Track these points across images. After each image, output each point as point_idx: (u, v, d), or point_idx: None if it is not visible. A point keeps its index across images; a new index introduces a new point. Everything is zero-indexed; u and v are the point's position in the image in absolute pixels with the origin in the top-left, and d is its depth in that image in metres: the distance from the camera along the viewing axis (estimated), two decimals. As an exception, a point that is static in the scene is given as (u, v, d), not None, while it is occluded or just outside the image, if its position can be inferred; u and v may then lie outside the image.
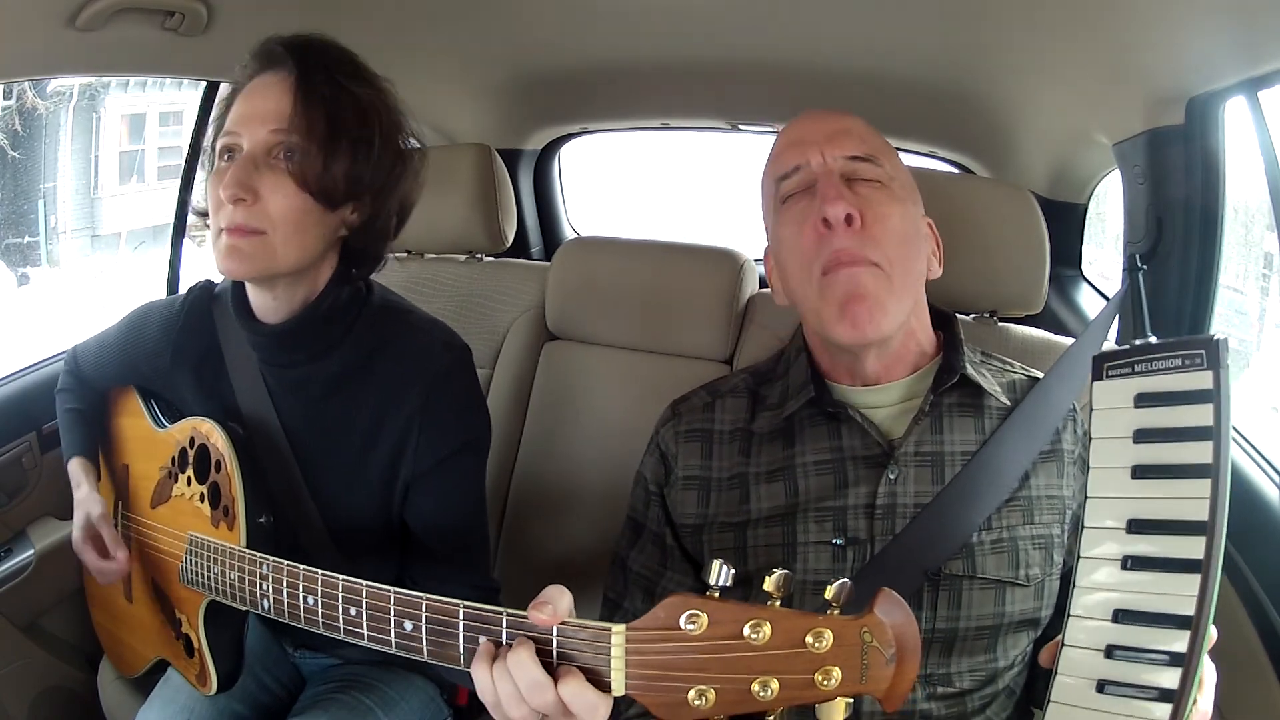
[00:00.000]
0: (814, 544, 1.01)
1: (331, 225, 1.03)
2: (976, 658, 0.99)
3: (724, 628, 0.61)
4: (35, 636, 1.53)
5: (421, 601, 0.74)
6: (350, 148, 0.99)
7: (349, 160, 0.99)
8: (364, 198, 1.04)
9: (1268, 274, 1.83)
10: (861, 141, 1.03)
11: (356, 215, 1.05)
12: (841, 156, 1.01)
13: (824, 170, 1.01)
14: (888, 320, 0.97)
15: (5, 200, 2.72)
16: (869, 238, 0.97)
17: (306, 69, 1.00)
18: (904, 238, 1.00)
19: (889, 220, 0.99)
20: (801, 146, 1.04)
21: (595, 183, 3.07)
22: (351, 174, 1.00)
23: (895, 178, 1.03)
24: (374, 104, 1.04)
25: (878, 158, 1.02)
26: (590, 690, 0.67)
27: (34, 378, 1.59)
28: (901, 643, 0.61)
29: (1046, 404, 1.05)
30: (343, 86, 1.01)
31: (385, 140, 1.04)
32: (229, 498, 1.01)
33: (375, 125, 1.03)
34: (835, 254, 0.97)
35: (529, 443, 1.66)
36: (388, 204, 1.07)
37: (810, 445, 1.04)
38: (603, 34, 1.81)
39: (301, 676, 1.33)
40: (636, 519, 1.15)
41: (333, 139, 0.98)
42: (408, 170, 1.08)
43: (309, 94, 0.98)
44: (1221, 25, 1.11)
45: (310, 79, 0.99)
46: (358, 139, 1.00)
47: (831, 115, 1.07)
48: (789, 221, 1.03)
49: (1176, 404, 0.77)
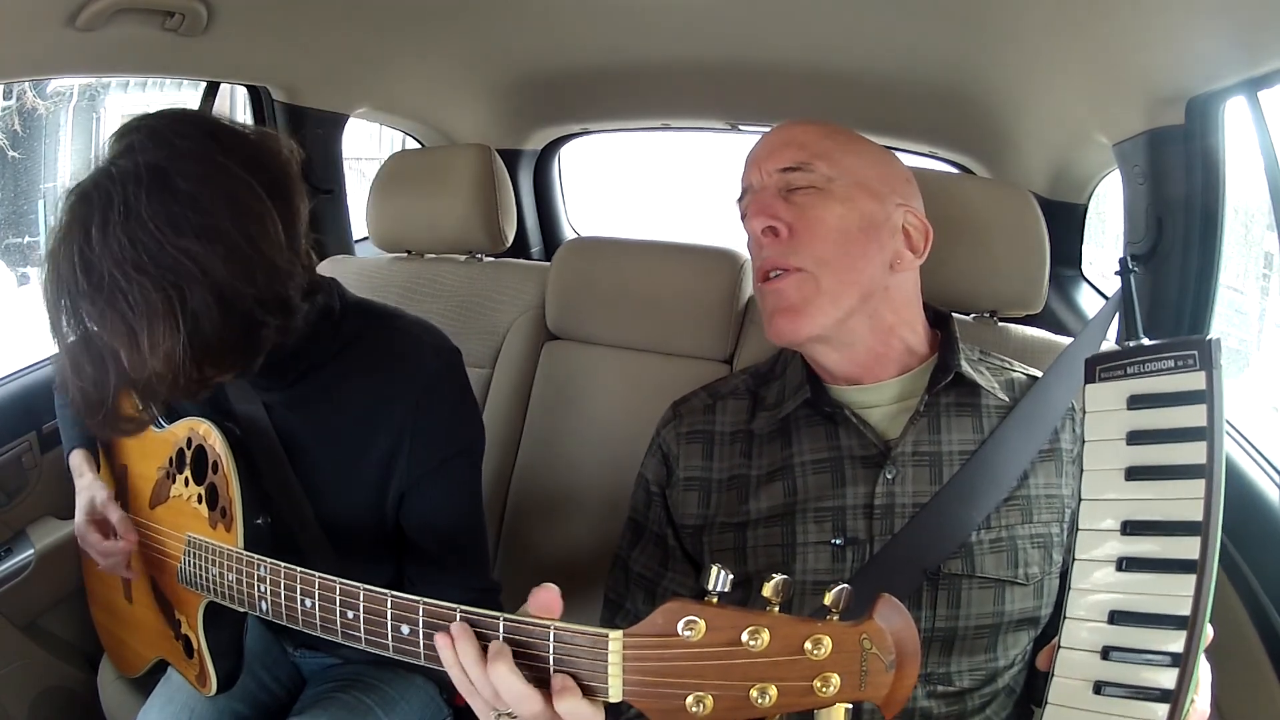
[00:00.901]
0: (813, 544, 1.01)
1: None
2: (976, 657, 0.99)
3: (722, 634, 0.61)
4: (35, 636, 1.53)
5: (418, 606, 0.74)
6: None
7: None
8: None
9: (1268, 274, 1.83)
10: (800, 149, 1.05)
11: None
12: (775, 170, 1.05)
13: (760, 187, 1.06)
14: (809, 323, 1.01)
15: (5, 200, 2.72)
16: (795, 245, 1.01)
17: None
18: (841, 236, 1.01)
19: (821, 224, 1.01)
20: (748, 167, 1.09)
21: (595, 183, 3.07)
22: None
23: (837, 178, 1.04)
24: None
25: (813, 163, 1.04)
26: (586, 705, 0.67)
27: (34, 378, 1.59)
28: (901, 649, 0.60)
29: (1045, 403, 1.05)
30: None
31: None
32: (226, 499, 1.01)
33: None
34: (761, 265, 1.04)
35: (529, 443, 1.66)
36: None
37: (808, 445, 1.04)
38: (603, 34, 1.81)
39: (302, 676, 1.33)
40: (638, 519, 1.15)
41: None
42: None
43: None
44: (1221, 25, 1.11)
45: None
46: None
47: (782, 129, 1.10)
48: (749, 238, 1.08)
49: (1169, 405, 0.77)
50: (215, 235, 0.85)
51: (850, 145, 1.08)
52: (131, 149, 0.86)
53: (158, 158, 0.85)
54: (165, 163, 0.85)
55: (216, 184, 0.86)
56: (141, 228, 0.82)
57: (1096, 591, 0.78)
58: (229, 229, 0.86)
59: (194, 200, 0.84)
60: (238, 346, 0.90)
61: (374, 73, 1.96)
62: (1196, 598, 0.73)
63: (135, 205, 0.82)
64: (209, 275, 0.84)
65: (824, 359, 1.06)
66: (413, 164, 1.84)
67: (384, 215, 1.79)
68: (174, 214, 0.83)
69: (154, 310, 0.83)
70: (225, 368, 0.92)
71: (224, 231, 0.85)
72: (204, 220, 0.84)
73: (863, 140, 1.10)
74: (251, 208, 0.88)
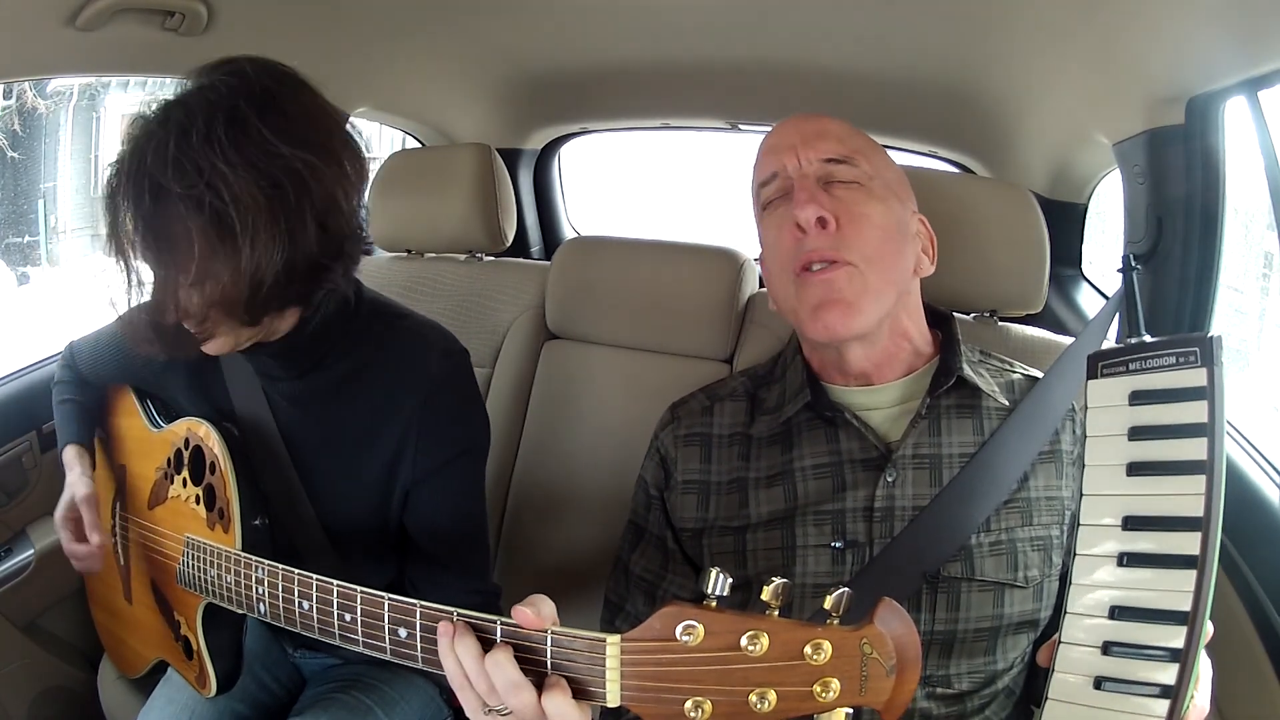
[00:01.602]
0: (813, 547, 1.01)
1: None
2: (976, 659, 0.99)
3: (721, 638, 0.61)
4: (35, 636, 1.53)
5: (416, 609, 0.74)
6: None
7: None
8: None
9: (1268, 274, 1.83)
10: (839, 142, 1.04)
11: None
12: (817, 159, 1.03)
13: (799, 174, 1.03)
14: (861, 319, 0.99)
15: (5, 200, 2.72)
16: (844, 238, 0.99)
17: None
18: (884, 235, 1.01)
19: (867, 220, 1.00)
20: (778, 152, 1.05)
21: (595, 183, 3.06)
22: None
23: (876, 177, 1.03)
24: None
25: (855, 158, 1.03)
26: (574, 708, 0.67)
27: (34, 377, 1.59)
28: (902, 654, 0.60)
29: (1045, 404, 1.05)
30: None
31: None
32: (224, 500, 1.01)
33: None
34: (808, 255, 0.99)
35: (528, 442, 1.66)
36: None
37: (808, 449, 1.04)
38: (603, 34, 1.80)
39: (302, 676, 1.33)
40: (638, 522, 1.15)
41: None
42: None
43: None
44: (1221, 25, 1.11)
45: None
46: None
47: (810, 118, 1.07)
48: (770, 227, 1.05)
49: (1171, 401, 0.77)
50: (322, 153, 0.88)
51: (876, 148, 1.08)
52: (243, 72, 0.88)
53: (269, 83, 0.88)
54: (275, 87, 0.88)
55: (319, 116, 0.91)
56: (249, 131, 0.84)
57: (1098, 587, 0.79)
58: (332, 152, 0.90)
59: (301, 120, 0.88)
60: (315, 273, 0.92)
61: (374, 73, 1.95)
62: (1197, 593, 0.73)
63: (243, 113, 0.84)
64: (314, 185, 0.87)
65: (849, 355, 1.04)
66: (413, 164, 1.84)
67: (384, 215, 1.79)
68: (284, 126, 0.86)
69: (259, 209, 0.83)
70: (295, 295, 0.93)
71: (328, 151, 0.89)
72: (312, 137, 0.88)
73: (878, 144, 1.10)
74: (347, 144, 0.93)
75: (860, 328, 0.99)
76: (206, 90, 0.86)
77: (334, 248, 0.92)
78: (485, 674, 0.69)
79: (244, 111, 0.84)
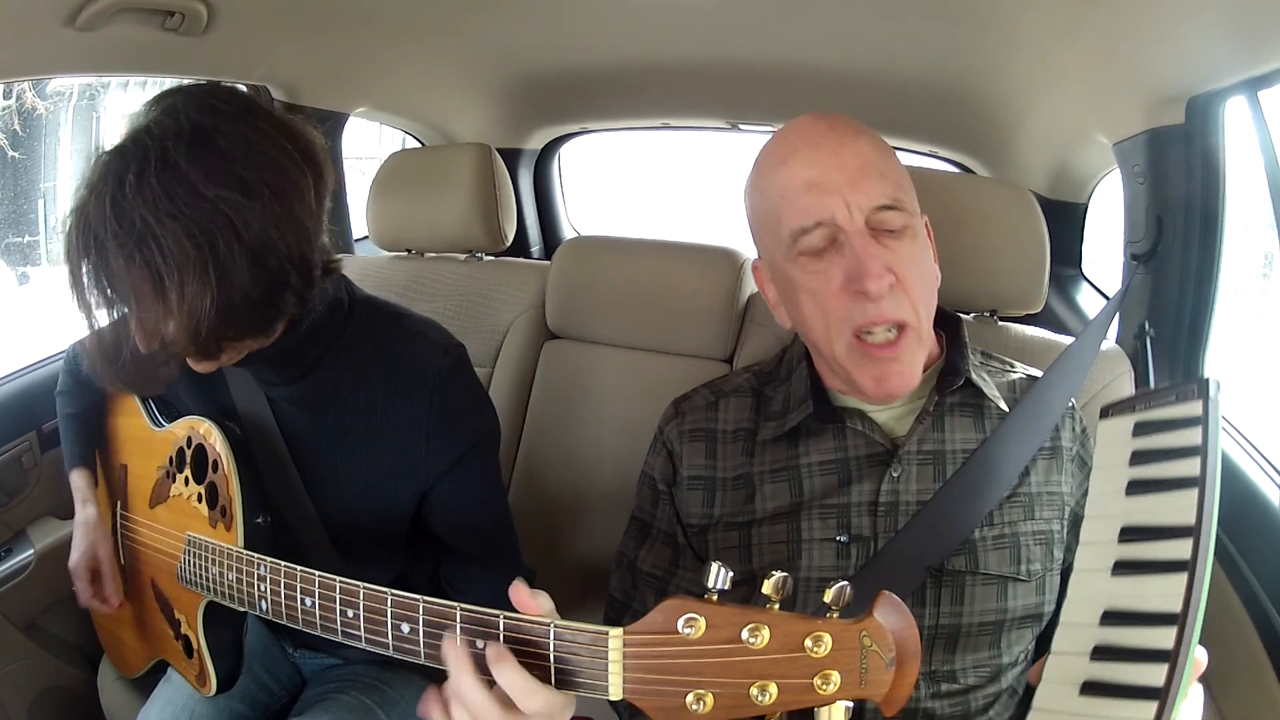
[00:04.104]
0: (818, 541, 1.01)
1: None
2: (980, 654, 0.99)
3: (722, 631, 0.61)
4: (35, 636, 1.53)
5: (418, 604, 0.74)
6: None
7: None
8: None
9: (1268, 274, 1.83)
10: (882, 178, 0.95)
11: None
12: (869, 207, 0.94)
13: (853, 228, 0.93)
14: (916, 375, 0.97)
15: (5, 200, 2.72)
16: (902, 296, 0.94)
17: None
18: (928, 276, 0.98)
19: (919, 270, 0.96)
20: (820, 193, 0.94)
21: (595, 183, 3.07)
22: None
23: (913, 212, 0.98)
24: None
25: (900, 198, 0.95)
26: (523, 678, 0.68)
27: (34, 377, 1.59)
28: (901, 647, 0.61)
29: (1045, 402, 1.05)
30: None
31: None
32: (226, 498, 1.00)
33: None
34: (871, 321, 0.94)
35: (529, 442, 1.66)
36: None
37: (815, 446, 1.04)
38: (603, 34, 1.81)
39: (302, 676, 1.33)
40: (644, 519, 1.15)
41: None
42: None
43: None
44: (1221, 25, 1.11)
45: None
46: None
47: (843, 141, 0.96)
48: (811, 274, 0.97)
49: (1169, 430, 0.81)
50: (251, 189, 0.85)
51: (894, 156, 1.01)
52: (174, 109, 0.87)
53: (200, 118, 0.86)
54: (207, 121, 0.86)
55: (255, 144, 0.87)
56: (178, 177, 0.83)
57: (1092, 599, 0.81)
58: (265, 184, 0.87)
59: (232, 155, 0.85)
60: (260, 307, 0.90)
61: (374, 72, 1.96)
62: (1187, 598, 0.73)
63: (173, 157, 0.83)
64: (242, 227, 0.85)
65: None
66: (413, 164, 1.84)
67: (384, 215, 1.79)
68: (212, 166, 0.84)
69: (185, 258, 0.83)
70: (244, 330, 0.92)
71: (260, 186, 0.86)
72: (241, 173, 0.85)
73: (885, 144, 1.02)
74: (288, 169, 0.89)
75: (917, 383, 0.98)
76: (141, 133, 0.86)
77: (274, 283, 0.90)
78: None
79: (173, 155, 0.83)
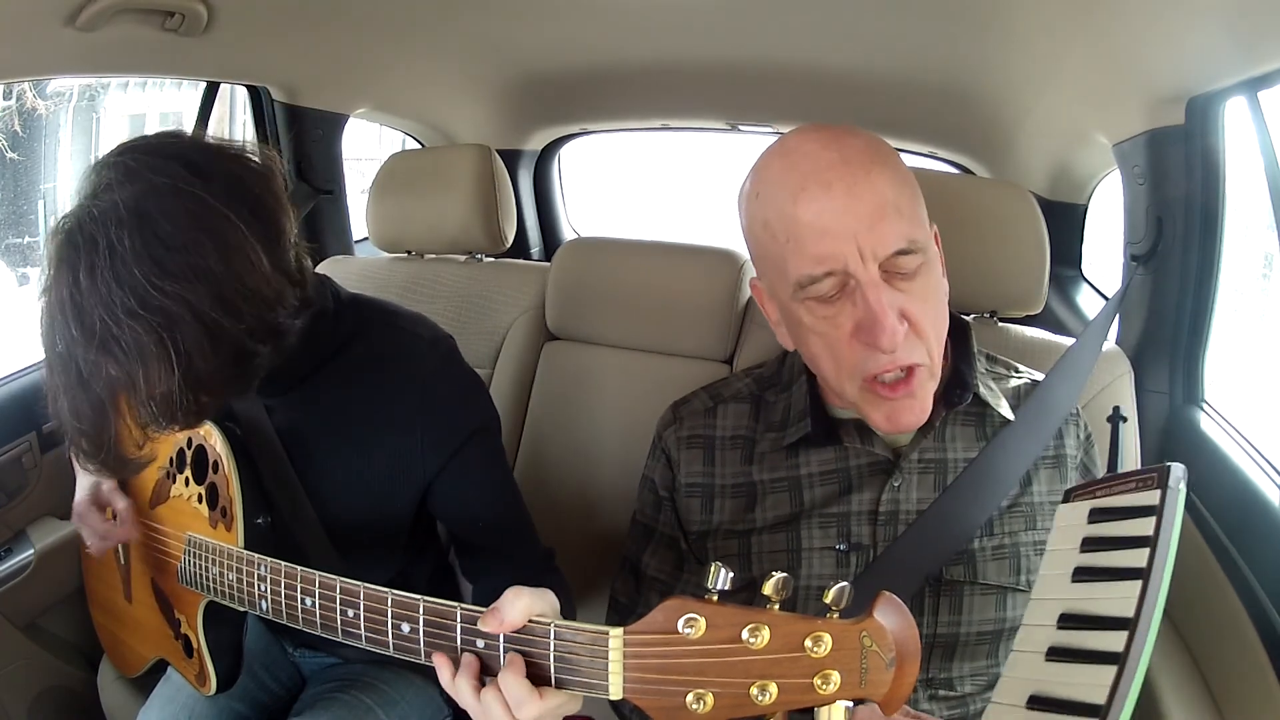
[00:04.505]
0: (818, 550, 1.00)
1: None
2: (978, 662, 0.99)
3: (722, 631, 0.61)
4: (35, 636, 1.53)
5: (419, 604, 0.74)
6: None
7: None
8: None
9: (1268, 274, 1.83)
10: (898, 216, 0.89)
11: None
12: (884, 254, 0.88)
13: (868, 280, 0.88)
14: (928, 408, 0.94)
15: (5, 200, 2.72)
16: (916, 341, 0.91)
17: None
18: (939, 306, 0.94)
19: (929, 303, 0.92)
20: (835, 242, 0.88)
21: (595, 183, 3.07)
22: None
23: (928, 243, 0.93)
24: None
25: (916, 236, 0.90)
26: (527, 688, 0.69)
27: (34, 378, 1.58)
28: (901, 647, 0.61)
29: (1046, 408, 1.04)
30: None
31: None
32: (226, 498, 1.01)
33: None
34: (883, 369, 0.91)
35: (529, 443, 1.66)
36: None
37: (815, 456, 1.04)
38: (603, 34, 1.81)
39: (302, 676, 1.33)
40: (647, 523, 1.14)
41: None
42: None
43: None
44: (1221, 25, 1.11)
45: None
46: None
47: (859, 180, 0.88)
48: (820, 318, 0.93)
49: (1124, 518, 0.80)
50: (199, 275, 0.83)
51: (907, 175, 0.94)
52: (109, 187, 0.85)
53: (135, 195, 0.84)
54: (143, 200, 0.83)
55: (195, 220, 0.84)
56: (127, 271, 0.81)
57: (1021, 682, 0.80)
58: (212, 267, 0.84)
59: (175, 241, 0.83)
60: (232, 376, 0.90)
61: (374, 73, 1.96)
62: (1113, 692, 0.72)
63: (119, 248, 0.81)
64: (197, 315, 0.83)
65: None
66: (413, 164, 1.85)
67: (384, 215, 1.79)
68: (158, 256, 0.82)
69: (147, 353, 0.82)
70: (222, 396, 0.92)
71: (207, 270, 0.84)
72: (187, 260, 0.83)
73: (897, 155, 0.96)
74: (232, 241, 0.86)
75: (927, 414, 0.95)
76: (86, 222, 0.84)
77: (241, 351, 0.89)
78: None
79: (119, 246, 0.82)
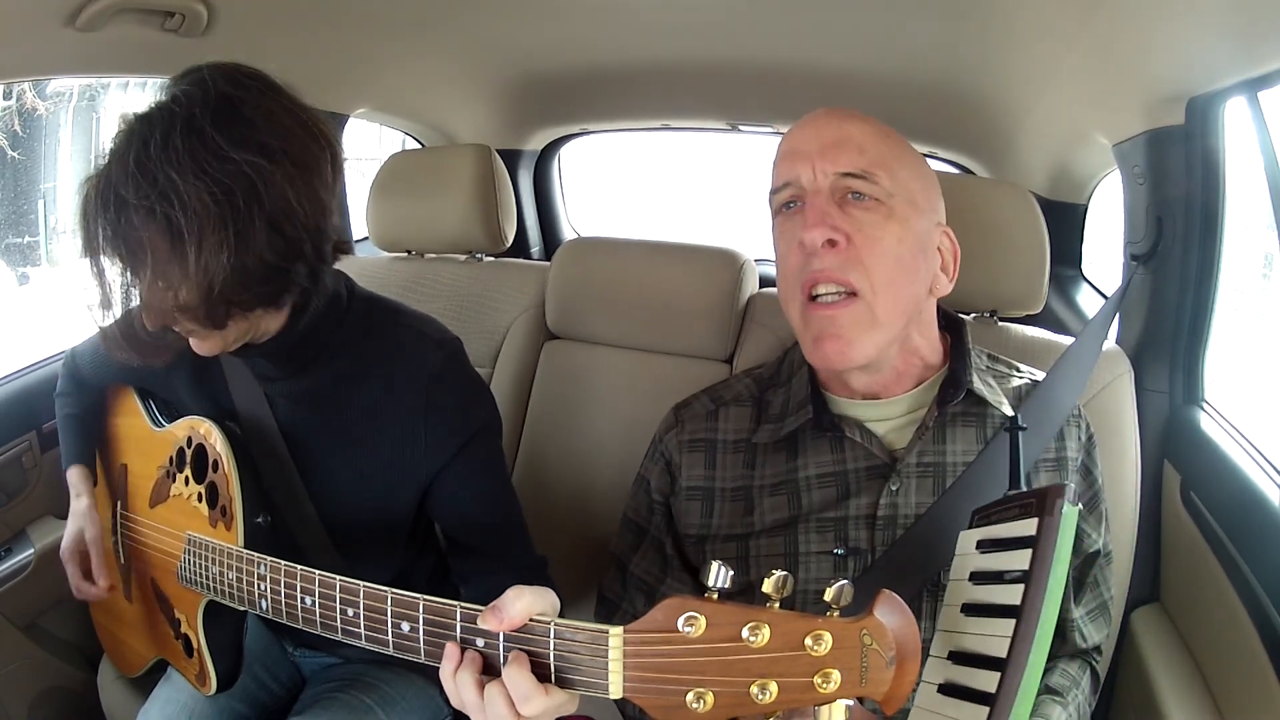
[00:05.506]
0: (815, 554, 1.01)
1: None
2: None
3: (722, 630, 0.61)
4: (35, 636, 1.53)
5: (419, 603, 0.74)
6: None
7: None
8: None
9: (1268, 274, 1.83)
10: (860, 154, 0.97)
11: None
12: (833, 172, 0.97)
13: (813, 188, 0.97)
14: (860, 353, 0.96)
15: (5, 200, 2.72)
16: (853, 259, 0.95)
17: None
18: (898, 262, 0.97)
19: (880, 244, 0.95)
20: (794, 158, 0.99)
21: (595, 183, 3.07)
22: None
23: (897, 193, 0.97)
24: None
25: (875, 173, 0.96)
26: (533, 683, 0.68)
27: (34, 378, 1.59)
28: (902, 646, 0.61)
29: (1046, 408, 1.04)
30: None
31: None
32: (226, 498, 1.01)
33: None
34: (814, 275, 0.96)
35: (529, 442, 1.66)
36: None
37: (813, 459, 1.04)
38: (603, 34, 1.81)
39: (302, 675, 1.33)
40: (639, 523, 1.14)
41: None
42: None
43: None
44: (1221, 25, 1.11)
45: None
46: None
47: (833, 120, 1.00)
48: (780, 236, 1.02)
49: (1004, 549, 0.79)
50: (274, 156, 0.88)
51: (904, 154, 1.01)
52: (203, 80, 0.89)
53: (228, 89, 0.89)
54: (234, 92, 0.89)
55: (279, 117, 0.91)
56: (204, 140, 0.85)
57: (916, 713, 0.80)
58: (287, 154, 0.90)
59: (257, 124, 0.88)
60: (274, 273, 0.92)
61: (374, 73, 1.96)
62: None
63: (199, 123, 0.85)
64: (263, 191, 0.87)
65: (852, 379, 1.03)
66: (413, 164, 1.85)
67: (384, 215, 1.79)
68: (237, 133, 0.87)
69: (206, 214, 0.84)
70: (255, 297, 0.93)
71: (282, 155, 0.89)
72: (265, 140, 0.88)
73: (909, 146, 1.04)
74: (308, 144, 0.93)
75: (858, 361, 0.97)
76: (168, 102, 0.88)
77: (290, 250, 0.92)
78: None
79: (199, 120, 0.86)
